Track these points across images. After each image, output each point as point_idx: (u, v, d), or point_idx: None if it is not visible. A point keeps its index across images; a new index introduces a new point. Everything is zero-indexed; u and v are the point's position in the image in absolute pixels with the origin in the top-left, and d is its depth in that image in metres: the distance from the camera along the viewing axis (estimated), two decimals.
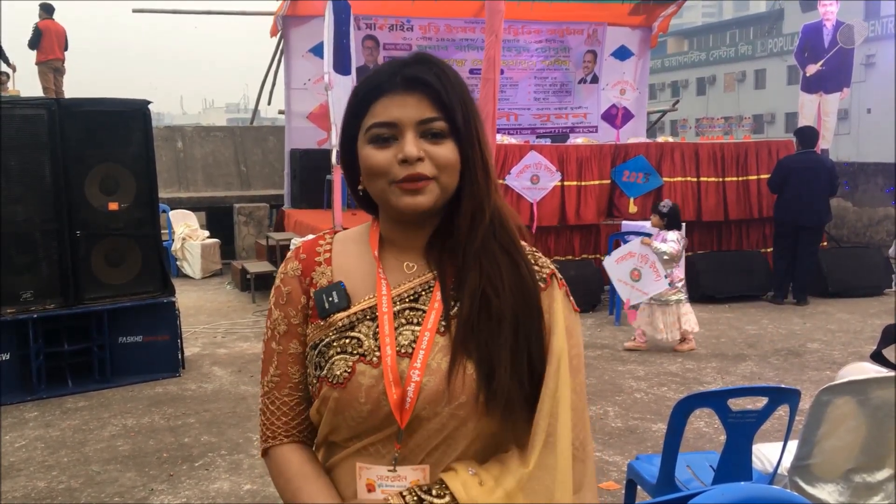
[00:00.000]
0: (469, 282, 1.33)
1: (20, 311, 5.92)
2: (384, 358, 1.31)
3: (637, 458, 3.57)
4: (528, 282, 1.36)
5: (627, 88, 11.74)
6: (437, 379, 1.30)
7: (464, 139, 1.32)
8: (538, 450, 1.29)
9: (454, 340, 1.31)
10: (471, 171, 1.34)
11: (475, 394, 1.29)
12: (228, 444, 5.01)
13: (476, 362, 1.30)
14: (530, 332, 1.33)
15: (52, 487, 4.43)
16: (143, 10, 14.13)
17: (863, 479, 2.88)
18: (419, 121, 1.31)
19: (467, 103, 1.34)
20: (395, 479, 1.32)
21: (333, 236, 1.49)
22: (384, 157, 1.31)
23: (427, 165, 1.30)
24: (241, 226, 12.24)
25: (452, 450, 1.32)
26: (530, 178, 9.09)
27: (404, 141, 1.30)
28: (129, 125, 6.32)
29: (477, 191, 1.34)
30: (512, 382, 1.29)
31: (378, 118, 1.32)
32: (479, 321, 1.31)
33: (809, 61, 10.34)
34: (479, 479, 1.29)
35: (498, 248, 1.36)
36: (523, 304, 1.34)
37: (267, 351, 1.46)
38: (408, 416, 1.29)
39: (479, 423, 1.30)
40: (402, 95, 1.31)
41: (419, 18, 11.93)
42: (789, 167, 8.95)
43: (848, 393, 2.88)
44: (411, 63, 1.34)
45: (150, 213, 6.48)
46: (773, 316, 8.47)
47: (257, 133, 15.19)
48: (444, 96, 1.31)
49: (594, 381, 6.16)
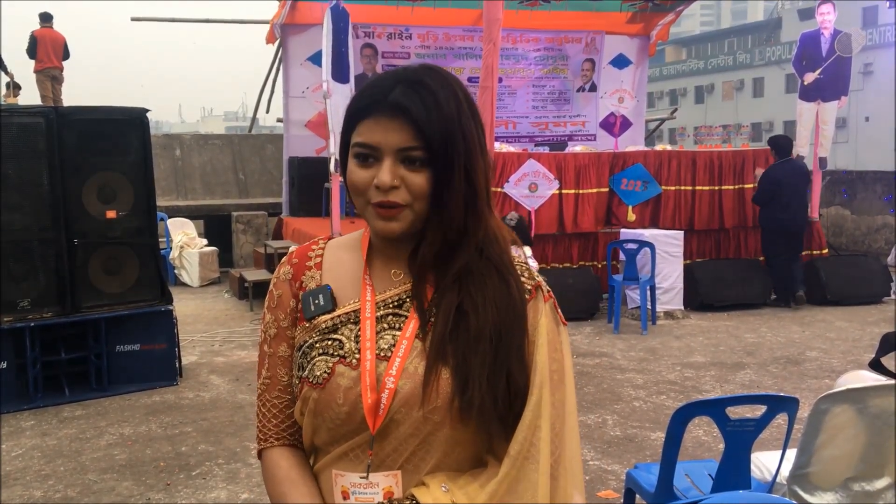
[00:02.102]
0: (445, 301, 1.34)
1: (17, 320, 5.90)
2: (363, 362, 1.33)
3: (636, 466, 3.56)
4: (515, 297, 1.36)
5: (626, 97, 11.76)
6: (413, 383, 1.31)
7: (440, 168, 1.31)
8: (515, 461, 1.28)
9: (429, 350, 1.32)
10: (441, 202, 1.33)
11: (450, 399, 1.30)
12: (226, 453, 4.99)
13: (452, 370, 1.30)
14: (511, 349, 1.33)
15: (48, 497, 4.41)
16: (141, 18, 14.19)
17: (862, 487, 2.87)
18: (398, 148, 1.31)
19: (451, 131, 1.31)
20: (367, 486, 1.33)
21: (327, 242, 1.51)
22: (363, 176, 1.33)
23: (401, 193, 1.31)
24: (239, 234, 12.24)
25: (428, 456, 1.32)
26: (528, 186, 9.09)
27: (382, 167, 1.31)
28: (127, 133, 6.32)
29: (447, 220, 1.33)
30: (486, 398, 1.29)
31: (361, 138, 1.33)
32: (454, 336, 1.31)
33: (807, 70, 10.36)
34: (451, 497, 1.28)
35: (484, 266, 1.36)
36: (509, 321, 1.34)
37: (260, 354, 1.50)
38: (380, 422, 1.31)
39: (454, 430, 1.31)
40: (387, 120, 1.31)
41: (417, 27, 11.94)
42: (777, 179, 9.08)
43: (846, 401, 2.87)
44: (406, 83, 1.33)
45: (147, 222, 6.47)
46: (771, 324, 8.47)
47: (255, 141, 15.21)
48: (426, 126, 1.30)
49: (593, 390, 6.15)
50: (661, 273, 8.51)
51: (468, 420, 1.30)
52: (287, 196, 12.13)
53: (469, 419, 1.29)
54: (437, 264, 1.36)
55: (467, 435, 1.32)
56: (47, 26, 13.87)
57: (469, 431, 1.32)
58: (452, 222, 1.34)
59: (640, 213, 9.59)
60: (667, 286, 8.66)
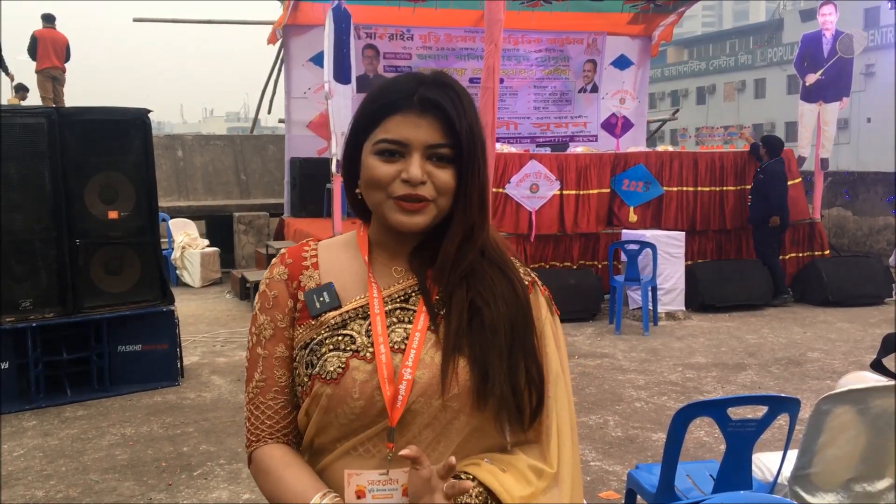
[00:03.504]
0: (456, 298, 1.36)
1: (19, 320, 5.91)
2: (378, 356, 1.33)
3: (637, 467, 3.56)
4: (520, 293, 1.40)
5: (627, 97, 11.77)
6: (431, 372, 1.33)
7: (465, 167, 1.35)
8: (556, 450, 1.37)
9: (445, 341, 1.34)
10: (466, 197, 1.36)
11: (468, 386, 1.32)
12: (227, 454, 4.99)
13: (469, 359, 1.33)
14: (526, 342, 1.38)
15: (50, 497, 4.41)
16: (143, 19, 14.20)
17: (863, 488, 2.87)
18: (428, 145, 1.33)
19: (475, 132, 1.36)
20: (386, 482, 1.32)
21: (317, 243, 1.51)
22: (388, 171, 1.34)
23: (428, 188, 1.34)
24: (240, 234, 12.25)
25: (446, 448, 1.33)
26: (530, 187, 9.09)
27: (411, 161, 1.33)
28: (129, 134, 6.32)
29: (469, 217, 1.37)
30: (506, 388, 1.33)
31: (389, 135, 1.34)
32: (470, 329, 1.34)
33: (809, 71, 10.36)
34: (501, 470, 1.34)
35: (487, 264, 1.40)
36: (519, 316, 1.38)
37: (252, 357, 1.47)
38: (399, 414, 1.31)
39: (471, 417, 1.33)
40: (416, 117, 1.34)
41: (419, 28, 11.95)
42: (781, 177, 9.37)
43: (848, 402, 2.87)
44: (430, 84, 1.36)
45: (149, 222, 6.48)
46: (773, 325, 8.46)
47: (257, 142, 15.21)
48: (457, 124, 1.33)
49: (594, 391, 6.15)
50: (662, 274, 8.52)
51: (485, 407, 1.33)
52: (288, 197, 12.15)
53: (487, 405, 1.33)
54: (441, 262, 1.38)
55: (484, 422, 1.35)
56: (49, 27, 13.85)
57: (486, 419, 1.35)
58: (472, 219, 1.37)
59: (641, 214, 9.59)
60: (668, 287, 8.66)
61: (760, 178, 9.40)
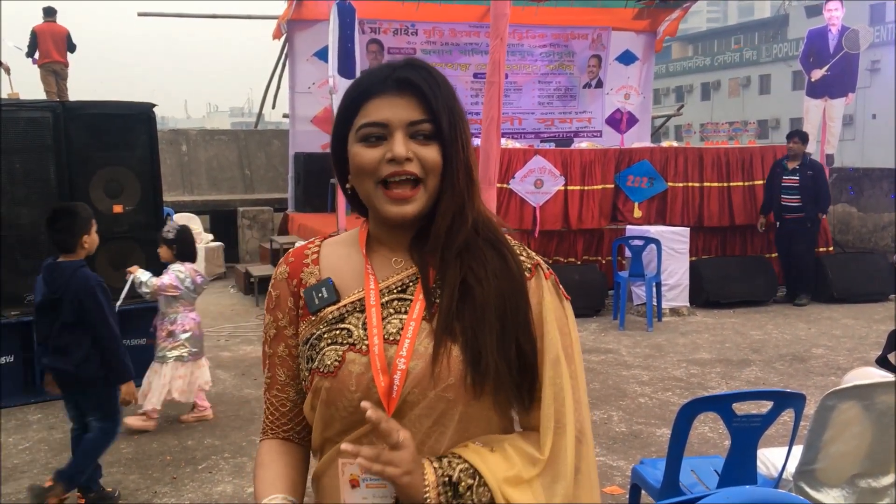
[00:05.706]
0: (449, 277, 1.37)
1: (23, 314, 5.92)
2: (371, 346, 1.34)
3: (641, 462, 3.56)
4: (513, 269, 1.40)
5: (632, 93, 11.72)
6: (424, 362, 1.33)
7: (447, 143, 1.36)
8: (550, 437, 1.34)
9: (437, 327, 1.34)
10: (452, 174, 1.37)
11: (462, 375, 1.32)
12: (232, 447, 5.00)
13: (461, 345, 1.33)
14: (518, 317, 1.37)
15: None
16: (147, 13, 14.19)
17: (868, 484, 2.87)
18: (409, 122, 1.35)
19: (454, 108, 1.38)
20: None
21: (322, 241, 1.54)
22: (372, 155, 1.36)
23: (415, 165, 1.35)
24: (244, 229, 12.26)
25: (443, 437, 1.34)
26: (534, 183, 9.09)
27: (394, 141, 1.34)
28: (134, 128, 6.33)
29: (458, 193, 1.38)
30: (500, 364, 1.33)
31: (369, 118, 1.36)
32: (461, 311, 1.34)
33: (814, 66, 10.33)
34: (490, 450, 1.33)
35: (482, 242, 1.40)
36: (510, 290, 1.38)
37: (262, 355, 1.54)
38: (394, 404, 1.32)
39: (468, 406, 1.33)
40: (393, 97, 1.36)
41: (423, 23, 11.94)
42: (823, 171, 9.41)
43: (853, 398, 2.87)
44: (403, 66, 1.38)
45: (154, 217, 6.48)
46: (777, 321, 8.45)
47: (261, 137, 15.22)
48: (433, 100, 1.35)
49: (598, 386, 6.15)
50: (666, 270, 8.51)
51: (482, 394, 1.33)
52: (292, 191, 12.16)
53: (484, 388, 1.32)
54: (443, 241, 1.38)
55: (481, 411, 1.35)
56: (50, 20, 13.72)
57: (483, 407, 1.35)
58: (461, 195, 1.38)
59: (646, 210, 9.57)
60: (673, 283, 8.66)
61: (810, 175, 9.14)
